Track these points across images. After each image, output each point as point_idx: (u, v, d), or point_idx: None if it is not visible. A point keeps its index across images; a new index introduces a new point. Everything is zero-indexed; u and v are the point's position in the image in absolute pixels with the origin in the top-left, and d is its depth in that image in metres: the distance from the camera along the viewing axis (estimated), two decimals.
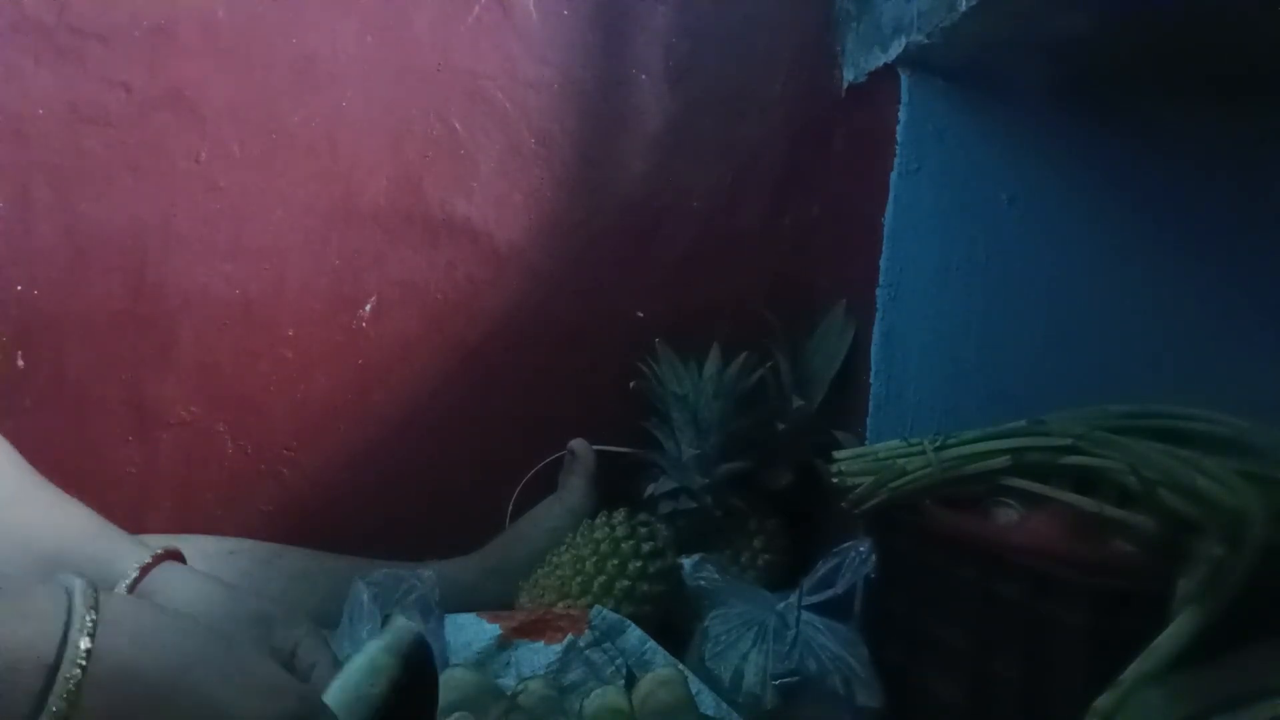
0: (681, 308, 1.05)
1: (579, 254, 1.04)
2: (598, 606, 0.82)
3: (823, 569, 0.82)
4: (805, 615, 0.79)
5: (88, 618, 0.43)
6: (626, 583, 0.86)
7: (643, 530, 0.90)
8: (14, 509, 0.65)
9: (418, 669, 0.53)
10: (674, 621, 0.87)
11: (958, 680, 0.73)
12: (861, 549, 0.81)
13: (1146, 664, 0.57)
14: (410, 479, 1.01)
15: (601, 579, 0.85)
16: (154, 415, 0.96)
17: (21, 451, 0.70)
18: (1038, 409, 0.78)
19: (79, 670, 0.41)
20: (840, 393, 0.97)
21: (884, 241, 0.92)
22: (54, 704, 0.40)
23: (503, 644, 0.78)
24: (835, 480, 0.82)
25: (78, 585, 0.44)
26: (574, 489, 0.98)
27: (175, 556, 0.65)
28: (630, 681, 0.72)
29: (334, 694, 0.51)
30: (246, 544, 0.91)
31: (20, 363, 0.92)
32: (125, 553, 0.63)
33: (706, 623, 0.80)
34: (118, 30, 0.92)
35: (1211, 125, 0.92)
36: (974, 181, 0.92)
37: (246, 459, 0.98)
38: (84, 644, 0.42)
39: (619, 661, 0.77)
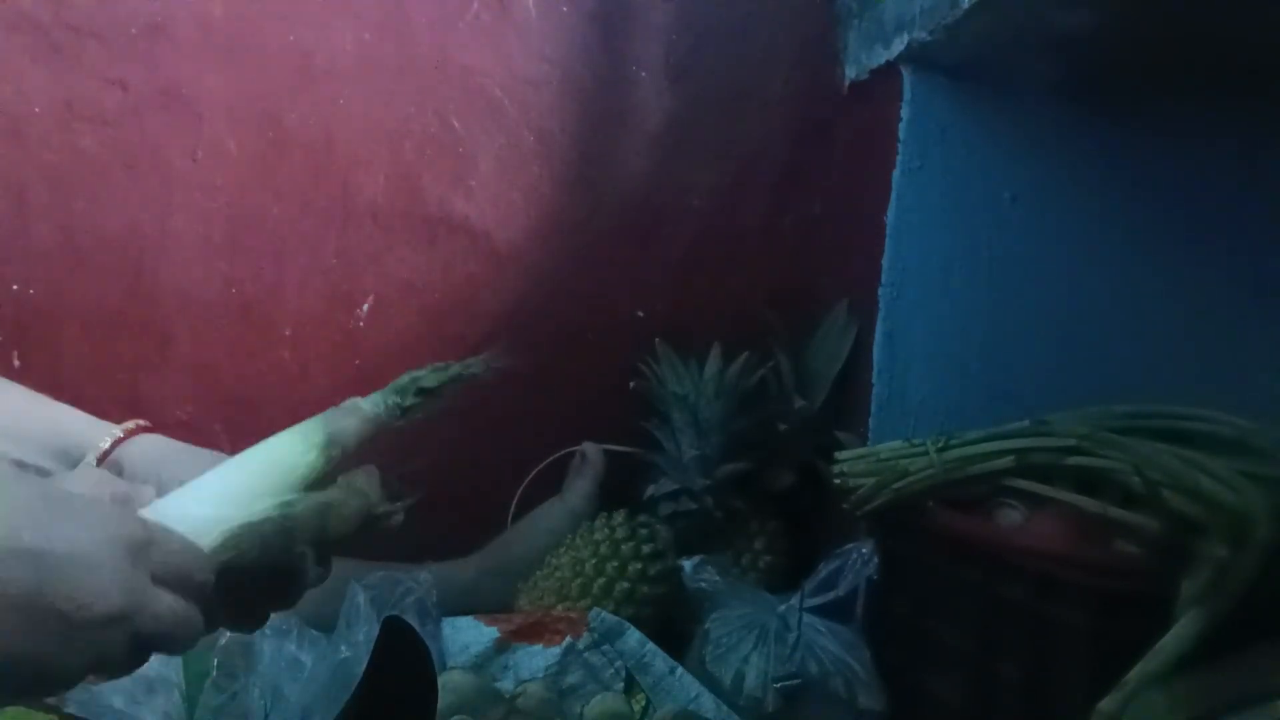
0: (681, 307, 1.05)
1: (579, 253, 1.03)
2: (596, 609, 0.81)
3: (824, 571, 0.82)
4: (807, 617, 0.78)
5: None
6: (626, 585, 0.85)
7: (643, 532, 0.89)
8: None
9: (401, 646, 0.51)
10: (674, 624, 0.86)
11: (961, 682, 0.73)
12: (863, 550, 0.81)
13: (1151, 665, 0.57)
14: (408, 480, 1.00)
15: (601, 581, 0.85)
16: (150, 415, 0.93)
17: None
18: (1041, 409, 0.77)
19: None
20: (842, 393, 0.97)
21: (886, 240, 0.92)
22: None
23: (501, 647, 0.77)
24: (837, 481, 0.81)
25: None
26: (578, 491, 0.98)
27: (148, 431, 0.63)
28: (629, 685, 0.72)
29: (254, 465, 0.48)
30: None
31: (16, 362, 0.92)
32: (90, 425, 0.61)
33: (707, 625, 0.80)
34: (114, 28, 0.91)
35: (1217, 122, 0.92)
36: (977, 179, 0.92)
37: None
38: None
39: (618, 664, 0.77)
